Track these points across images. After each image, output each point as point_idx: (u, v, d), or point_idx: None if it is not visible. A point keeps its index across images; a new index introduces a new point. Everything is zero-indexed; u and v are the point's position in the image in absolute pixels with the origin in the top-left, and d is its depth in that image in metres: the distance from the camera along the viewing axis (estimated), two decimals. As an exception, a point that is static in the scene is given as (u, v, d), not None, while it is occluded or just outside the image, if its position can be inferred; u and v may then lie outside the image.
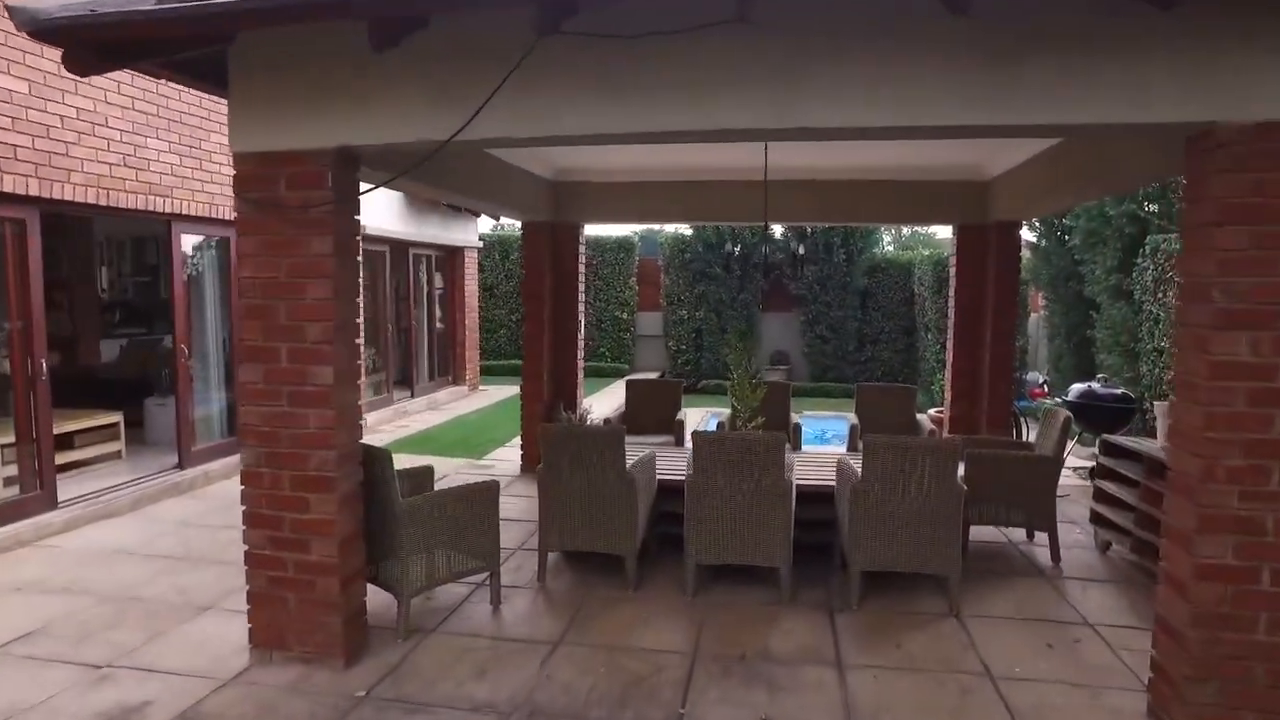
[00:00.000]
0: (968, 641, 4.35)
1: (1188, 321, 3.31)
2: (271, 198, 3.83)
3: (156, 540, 6.05)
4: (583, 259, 8.48)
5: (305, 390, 3.90)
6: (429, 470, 5.11)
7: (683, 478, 5.05)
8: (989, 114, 3.24)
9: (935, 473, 4.60)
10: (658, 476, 5.57)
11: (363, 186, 4.12)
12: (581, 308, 8.47)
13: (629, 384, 7.74)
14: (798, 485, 5.26)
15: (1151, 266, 9.53)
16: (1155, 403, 5.32)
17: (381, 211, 11.19)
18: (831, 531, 5.45)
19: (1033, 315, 13.82)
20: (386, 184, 4.22)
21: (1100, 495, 5.81)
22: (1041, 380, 13.84)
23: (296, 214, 3.81)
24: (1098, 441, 5.86)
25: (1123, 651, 4.24)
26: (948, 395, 7.96)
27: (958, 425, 7.78)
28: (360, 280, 10.51)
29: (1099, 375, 8.69)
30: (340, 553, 3.95)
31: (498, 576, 4.81)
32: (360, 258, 10.73)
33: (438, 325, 13.73)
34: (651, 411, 7.52)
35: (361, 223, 10.34)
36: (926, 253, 14.58)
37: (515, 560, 5.62)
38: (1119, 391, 7.71)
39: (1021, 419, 8.09)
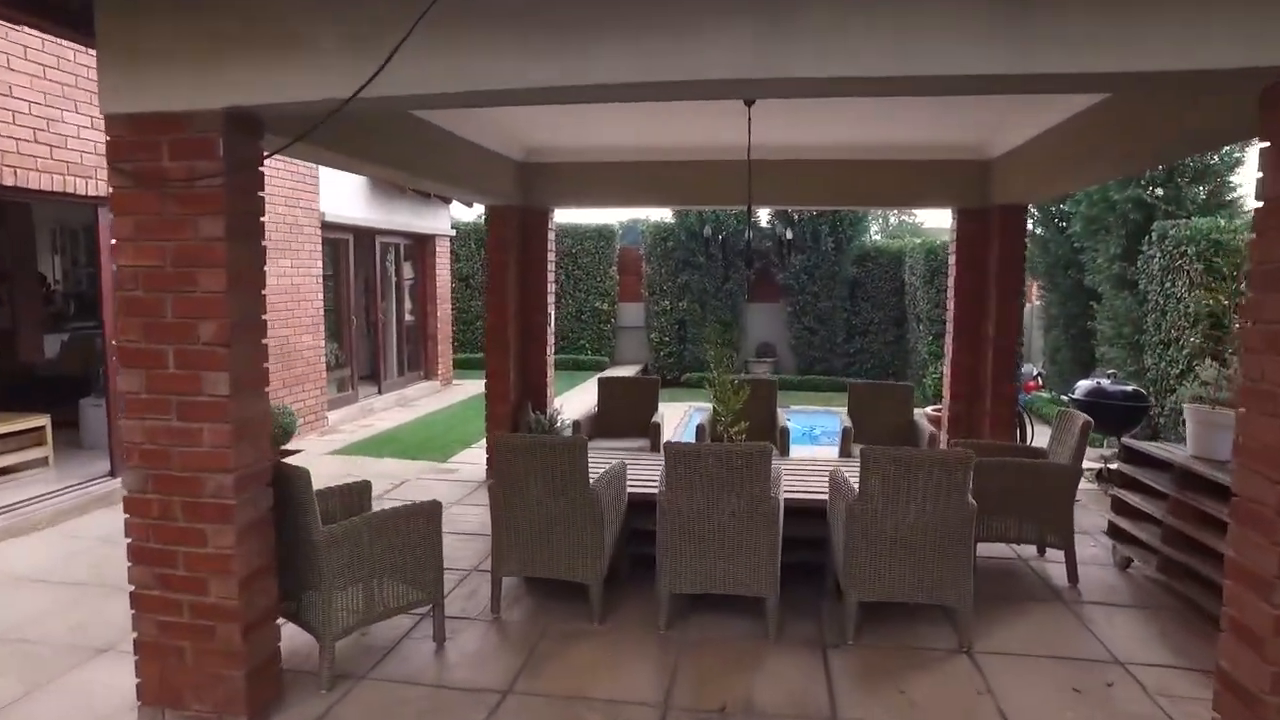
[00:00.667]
0: (982, 685, 3.75)
1: (1262, 317, 2.69)
2: (151, 170, 3.15)
3: (70, 561, 5.37)
4: (553, 246, 7.81)
5: (197, 401, 3.23)
6: (365, 487, 4.45)
7: (657, 491, 4.41)
8: (1016, 60, 2.60)
9: (943, 489, 3.98)
10: (629, 489, 4.93)
11: (311, 167, 3.43)
12: (551, 299, 7.80)
13: (601, 382, 7.09)
14: (786, 499, 4.63)
15: (1159, 254, 8.95)
16: (1186, 405, 4.71)
17: (344, 197, 10.46)
18: (823, 551, 4.84)
19: (1028, 305, 13.24)
20: (283, 150, 3.52)
21: (1120, 506, 5.22)
22: (1036, 373, 13.29)
23: (181, 189, 3.14)
24: (1119, 447, 5.26)
25: (1162, 699, 3.64)
26: (946, 393, 7.36)
27: (957, 426, 7.18)
28: (317, 271, 9.93)
29: (1108, 371, 8.11)
30: (242, 593, 3.30)
31: (441, 609, 4.16)
32: (318, 246, 10.07)
33: (408, 317, 13.02)
34: (626, 412, 6.88)
35: (320, 209, 9.63)
36: (918, 241, 13.99)
37: (470, 583, 4.98)
38: (1130, 389, 7.13)
39: (1027, 418, 7.49)
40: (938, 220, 30.42)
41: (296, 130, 3.53)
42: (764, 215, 15.44)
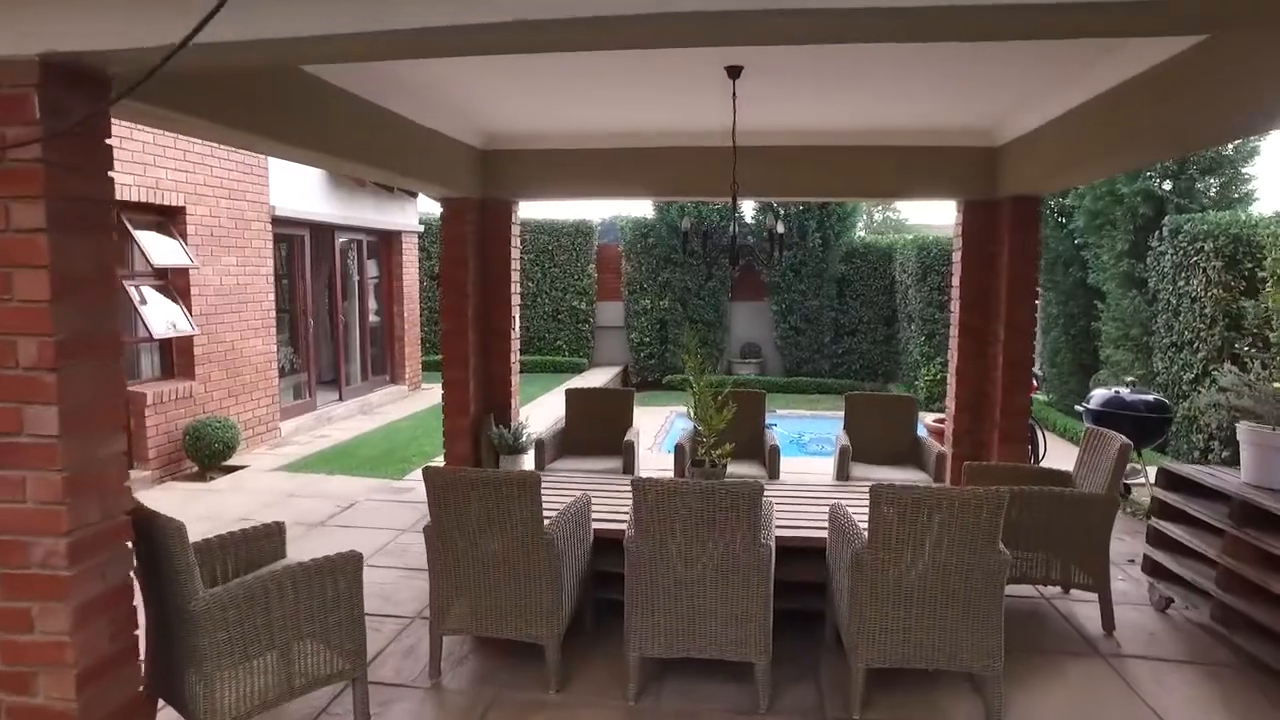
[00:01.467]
0: (1020, 778, 3.04)
1: None
2: (-54, 139, 2.38)
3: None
4: (518, 242, 7.04)
5: (16, 443, 2.46)
6: (275, 531, 3.69)
7: (625, 535, 3.67)
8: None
9: (969, 535, 3.27)
10: (597, 524, 4.20)
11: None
12: (516, 300, 7.04)
13: (570, 395, 6.33)
14: (779, 536, 3.91)
15: (1171, 250, 8.31)
16: (1240, 426, 4.03)
17: (298, 190, 9.65)
18: (821, 598, 4.12)
19: (1024, 304, 12.58)
20: (112, 104, 2.72)
21: (1159, 538, 4.53)
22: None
23: (-14, 165, 2.36)
24: (1159, 471, 4.57)
25: (1243, 796, 2.94)
26: (950, 403, 6.67)
27: (962, 440, 6.49)
28: (268, 270, 9.15)
29: (1127, 379, 7.45)
30: (82, 691, 2.53)
31: (364, 683, 3.40)
32: (269, 242, 9.24)
33: (373, 318, 12.21)
34: (597, 427, 6.13)
35: (271, 203, 8.80)
36: (909, 237, 13.31)
37: (411, 635, 4.23)
38: (1152, 398, 6.46)
39: (1039, 432, 6.81)
40: (924, 216, 29.86)
41: (161, 92, 2.76)
42: (749, 210, 14.73)
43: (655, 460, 8.31)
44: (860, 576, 3.41)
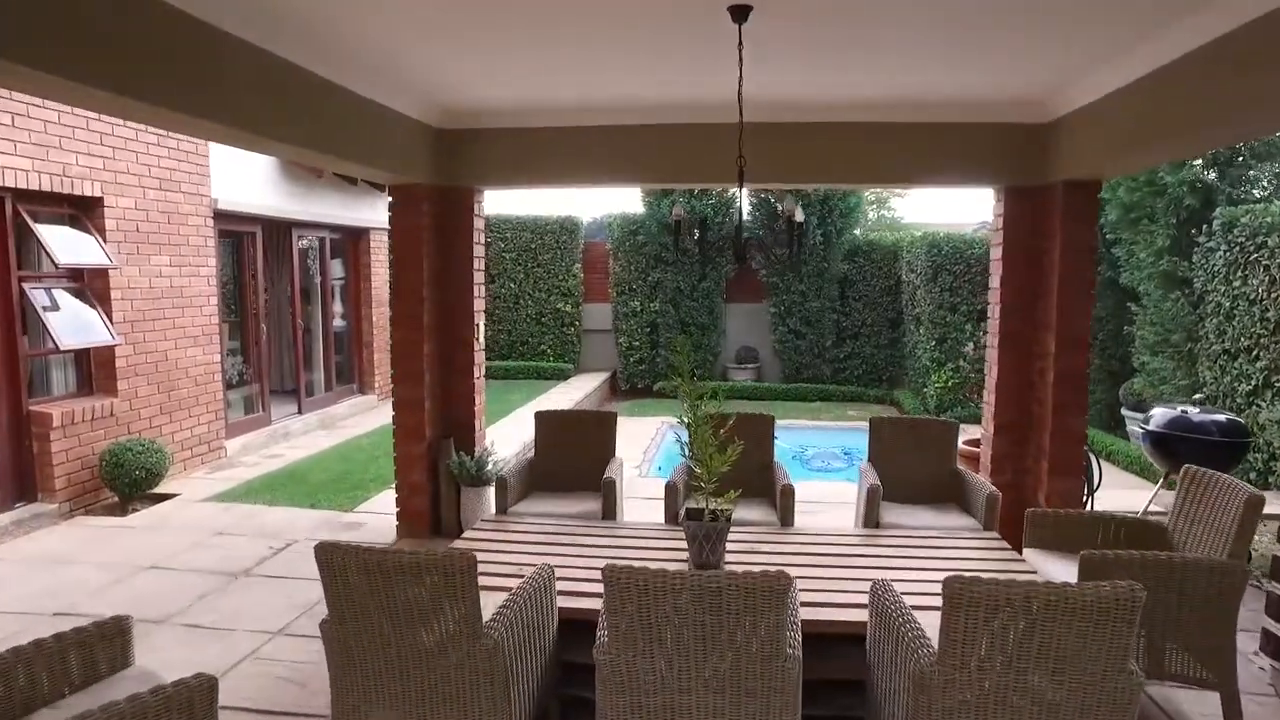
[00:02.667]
0: None
1: None
2: None
3: None
4: (481, 238, 6.00)
5: None
6: (116, 631, 2.65)
7: (596, 640, 2.64)
8: None
9: (1089, 649, 2.26)
10: (562, 603, 3.18)
11: None
12: (480, 304, 5.99)
13: (539, 418, 5.28)
14: (802, 620, 2.89)
15: (1224, 247, 7.33)
16: None
17: (246, 181, 8.58)
18: (857, 699, 3.10)
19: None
20: None
21: (1281, 610, 3.53)
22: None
23: None
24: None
25: None
26: (987, 426, 5.67)
27: (1002, 468, 5.49)
28: (210, 271, 7.91)
29: (1195, 397, 6.44)
30: None
31: None
32: (211, 240, 8.14)
33: (337, 322, 11.14)
34: (573, 457, 5.10)
35: (212, 195, 7.70)
36: (918, 234, 12.30)
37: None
38: (1224, 419, 5.46)
39: (1094, 461, 5.81)
40: (922, 214, 28.80)
41: None
42: (747, 200, 13.68)
43: (643, 488, 7.28)
44: (926, 698, 2.39)
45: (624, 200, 14.63)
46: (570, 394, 12.16)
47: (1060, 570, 3.60)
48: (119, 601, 4.65)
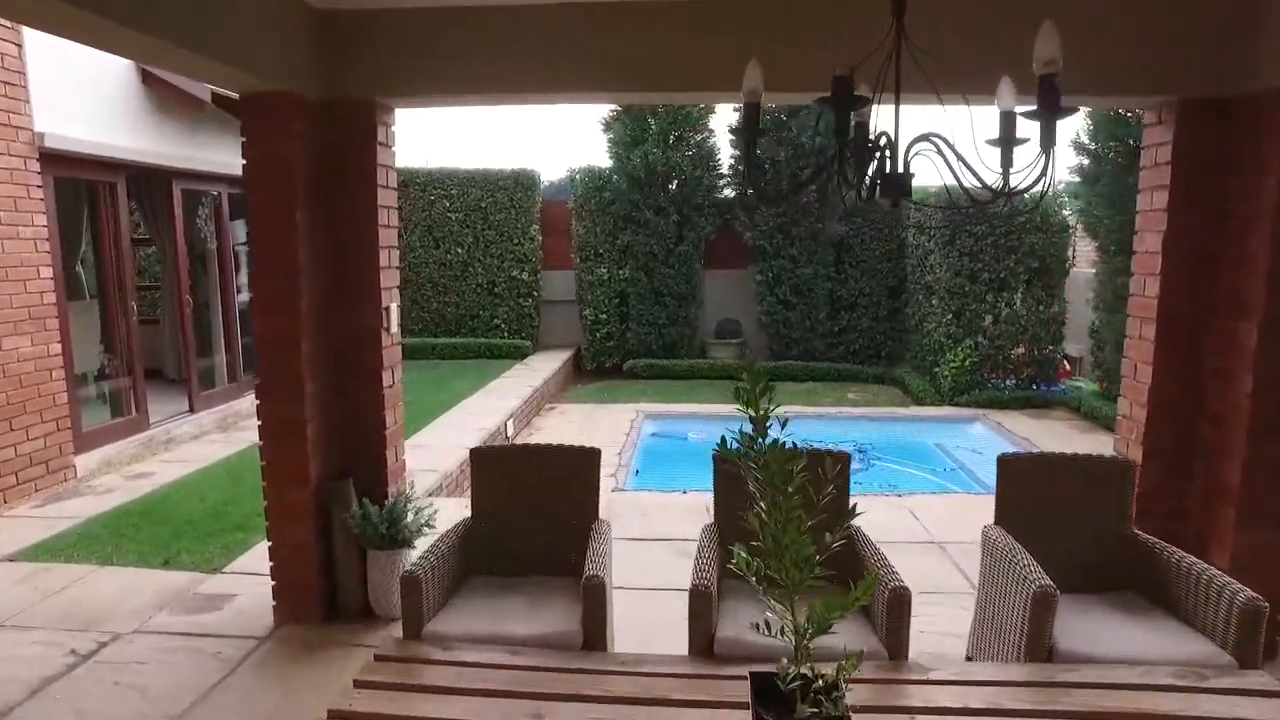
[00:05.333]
0: None
1: None
2: None
3: None
4: (391, 178, 3.97)
5: None
6: None
7: None
8: None
9: None
10: None
11: None
12: (391, 276, 4.00)
13: (476, 459, 3.30)
14: None
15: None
16: None
17: (91, 111, 6.38)
18: None
19: (1072, 271, 9.94)
20: None
21: None
22: (1062, 355, 10.08)
23: None
24: None
25: None
26: (1129, 446, 3.88)
27: (1151, 509, 3.71)
28: (38, 232, 5.13)
29: None
30: None
31: None
32: (39, 190, 5.41)
33: (244, 296, 8.96)
34: (531, 519, 3.18)
35: (37, 129, 4.87)
36: (932, 189, 10.46)
37: None
38: None
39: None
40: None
41: None
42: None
43: (624, 511, 5.40)
44: None
45: (588, 154, 12.49)
46: (528, 378, 10.20)
47: None
48: None
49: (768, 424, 1.87)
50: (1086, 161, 8.76)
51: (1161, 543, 3.01)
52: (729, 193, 11.88)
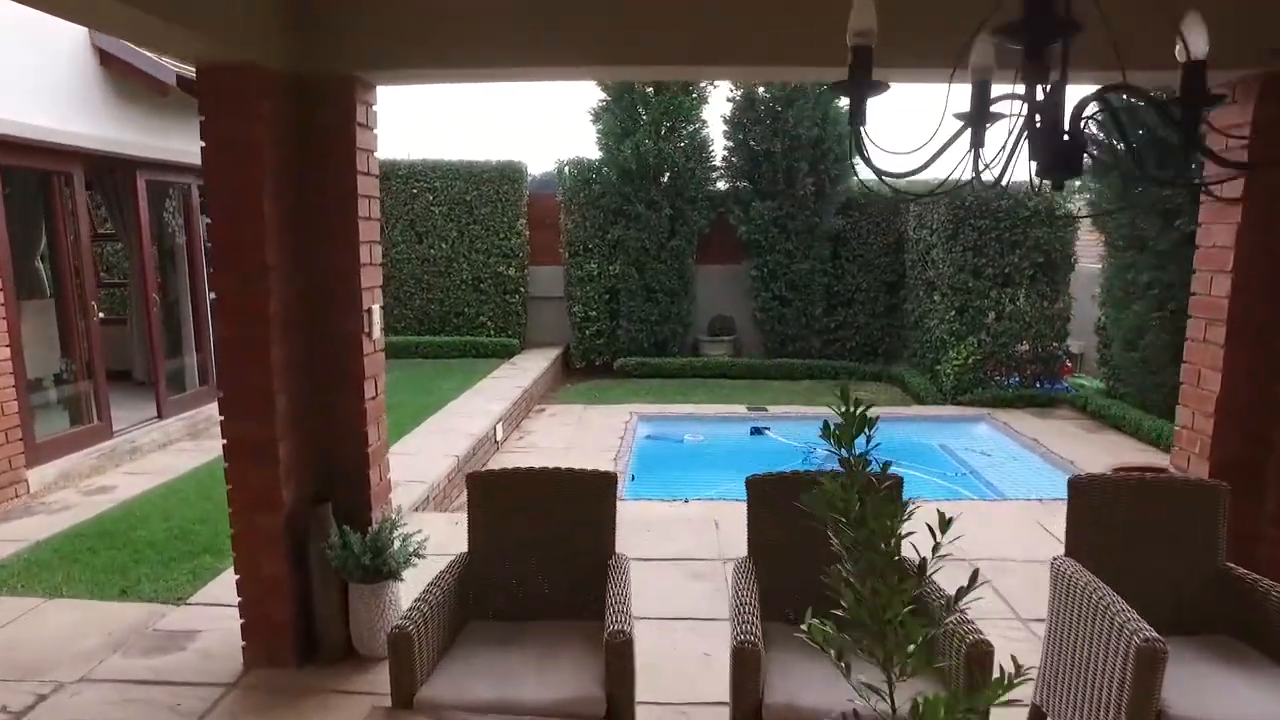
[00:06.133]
0: None
1: None
2: None
3: None
4: (373, 164, 3.51)
5: None
6: None
7: None
8: None
9: None
10: None
11: None
12: (373, 275, 3.54)
13: (473, 484, 2.85)
14: None
15: None
16: None
17: (36, 92, 5.84)
18: None
19: (1078, 265, 9.62)
20: None
21: None
22: (1062, 351, 9.76)
23: None
24: None
25: None
26: (1194, 462, 3.50)
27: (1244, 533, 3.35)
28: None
29: None
30: None
31: None
32: None
33: (211, 296, 8.43)
34: (536, 556, 2.75)
35: None
36: (935, 182, 10.04)
37: None
38: None
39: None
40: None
41: None
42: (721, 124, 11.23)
43: (631, 524, 4.96)
44: None
45: (576, 146, 12.05)
46: (516, 378, 9.75)
47: None
48: None
49: (867, 467, 1.47)
50: (1095, 152, 8.42)
51: (1257, 577, 2.63)
52: (721, 185, 11.46)
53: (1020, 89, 1.54)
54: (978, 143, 1.61)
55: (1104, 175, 8.33)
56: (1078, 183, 9.02)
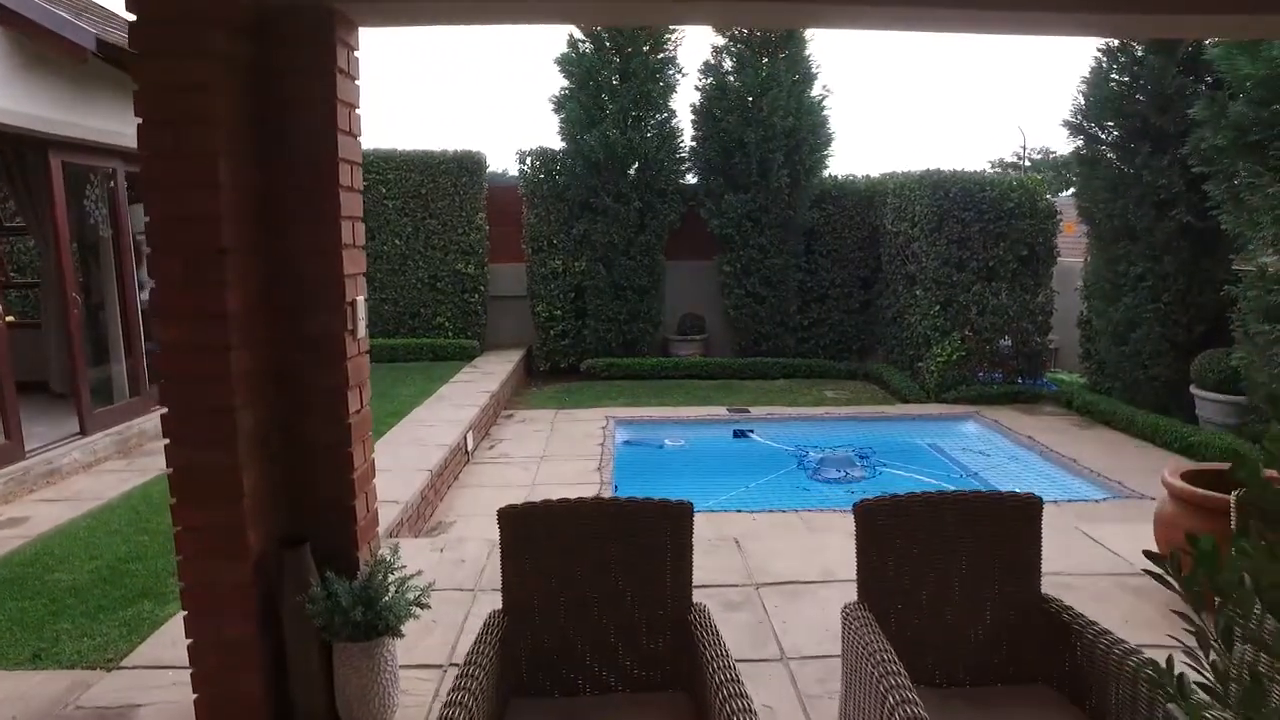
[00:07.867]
0: None
1: None
2: None
3: None
4: (356, 124, 2.83)
5: None
6: None
7: None
8: None
9: None
10: None
11: None
12: (356, 259, 2.85)
13: (507, 523, 2.22)
14: None
15: None
16: None
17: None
18: None
19: (1060, 261, 9.37)
20: None
21: None
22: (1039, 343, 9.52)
23: None
24: None
25: None
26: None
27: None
28: None
29: None
30: None
31: None
32: None
33: (141, 295, 7.49)
34: (589, 606, 2.13)
35: None
36: (915, 172, 9.66)
37: None
38: None
39: None
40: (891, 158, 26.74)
41: None
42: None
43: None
44: None
45: (538, 138, 11.34)
46: (481, 382, 9.03)
47: None
48: None
49: None
50: (1082, 143, 8.17)
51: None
52: (691, 178, 10.93)
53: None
54: None
55: (1091, 165, 8.07)
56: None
